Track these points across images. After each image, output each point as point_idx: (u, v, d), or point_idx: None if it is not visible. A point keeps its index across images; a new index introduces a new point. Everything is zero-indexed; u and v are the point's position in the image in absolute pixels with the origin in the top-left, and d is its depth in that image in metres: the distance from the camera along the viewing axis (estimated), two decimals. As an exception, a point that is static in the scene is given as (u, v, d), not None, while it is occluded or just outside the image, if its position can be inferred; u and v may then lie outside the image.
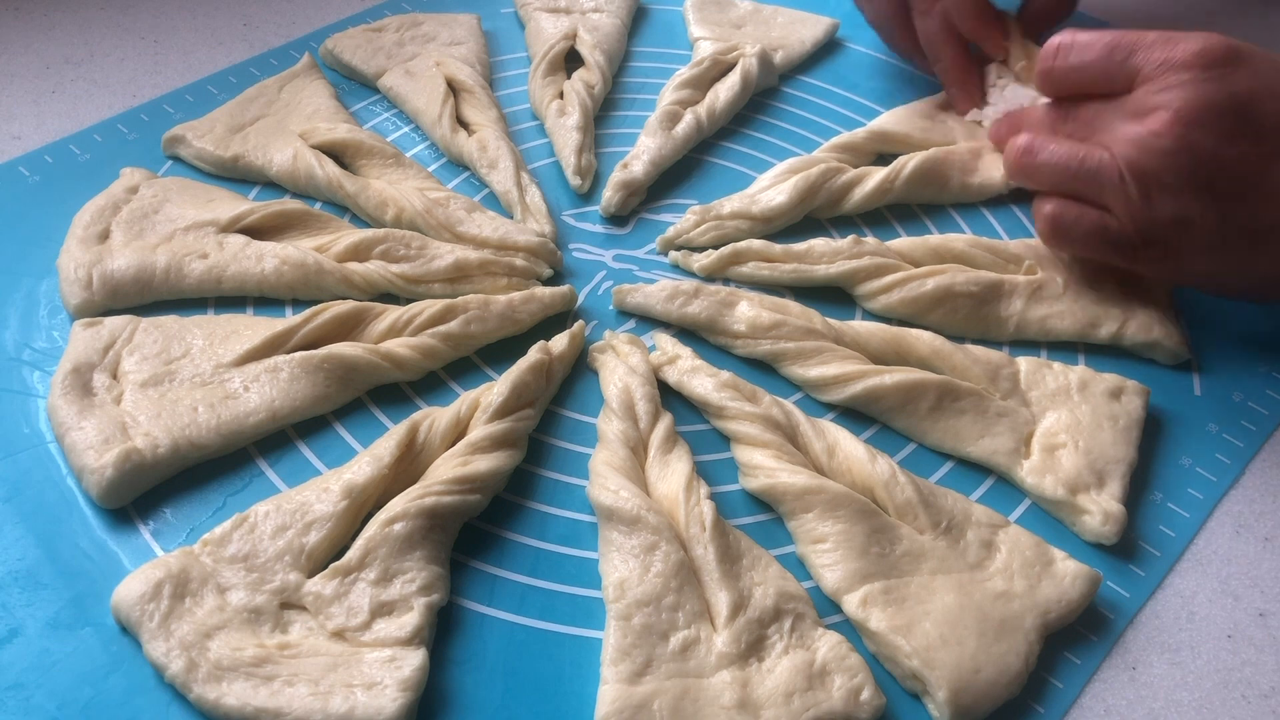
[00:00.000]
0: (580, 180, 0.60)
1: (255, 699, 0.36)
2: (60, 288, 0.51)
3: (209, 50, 0.70)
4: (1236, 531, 0.46)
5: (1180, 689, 0.41)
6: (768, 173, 0.60)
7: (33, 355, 0.49)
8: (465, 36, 0.69)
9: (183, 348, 0.48)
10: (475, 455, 0.44)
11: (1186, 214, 0.47)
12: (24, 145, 0.61)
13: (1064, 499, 0.45)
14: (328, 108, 0.62)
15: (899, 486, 0.44)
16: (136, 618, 0.38)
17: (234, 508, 0.43)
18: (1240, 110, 0.46)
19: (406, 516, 0.41)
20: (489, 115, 0.62)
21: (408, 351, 0.48)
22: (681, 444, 0.46)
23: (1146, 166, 0.47)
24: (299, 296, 0.52)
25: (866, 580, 0.41)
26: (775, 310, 0.51)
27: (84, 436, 0.43)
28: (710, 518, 0.42)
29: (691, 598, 0.40)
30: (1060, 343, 0.53)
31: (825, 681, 0.38)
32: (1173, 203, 0.47)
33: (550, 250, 0.55)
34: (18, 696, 0.38)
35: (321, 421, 0.48)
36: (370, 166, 0.58)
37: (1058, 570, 0.42)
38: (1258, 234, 0.48)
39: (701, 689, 0.38)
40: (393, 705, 0.36)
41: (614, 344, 0.50)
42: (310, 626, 0.39)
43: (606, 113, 0.66)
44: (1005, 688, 0.39)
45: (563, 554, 0.44)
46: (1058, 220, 0.52)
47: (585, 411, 0.49)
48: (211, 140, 0.59)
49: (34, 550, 0.42)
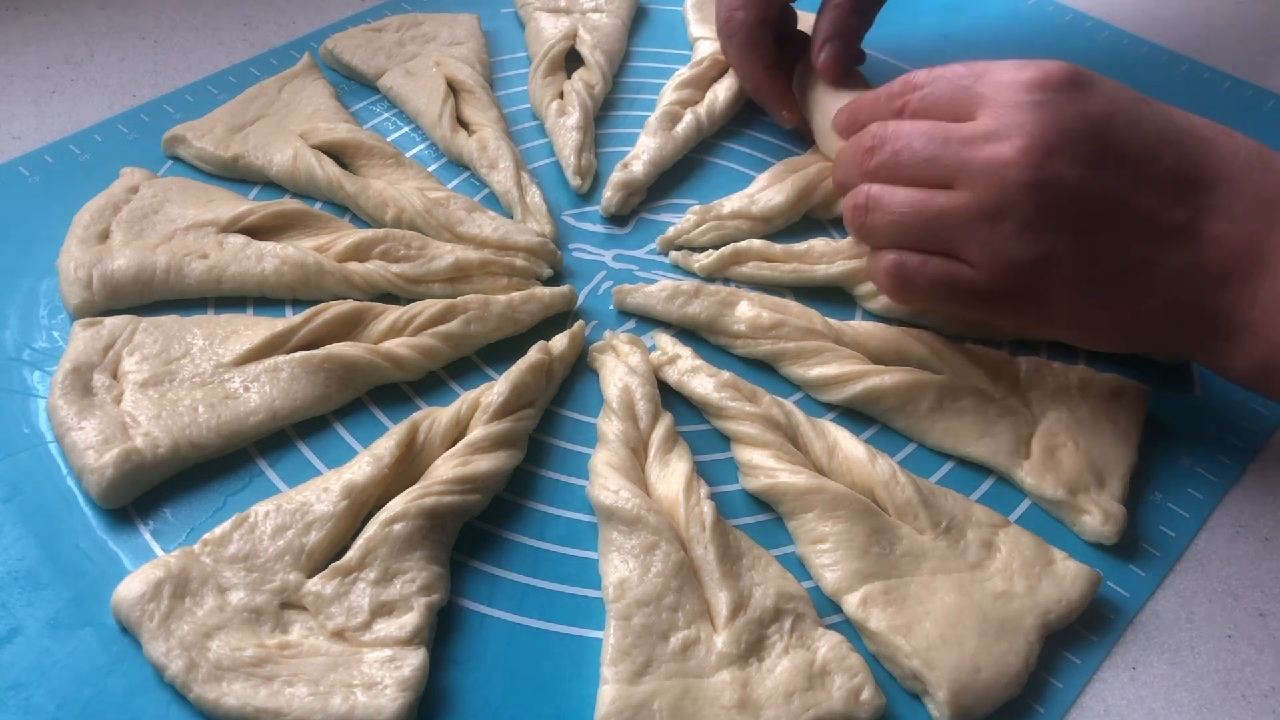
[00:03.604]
0: (580, 180, 0.60)
1: (255, 699, 0.36)
2: (60, 288, 0.51)
3: (209, 50, 0.70)
4: (1236, 531, 0.46)
5: (1180, 689, 0.41)
6: (765, 172, 0.60)
7: (33, 355, 0.49)
8: (465, 36, 0.69)
9: (183, 348, 0.48)
10: (475, 455, 0.44)
11: (1050, 253, 0.42)
12: (24, 145, 0.61)
13: (1064, 499, 0.45)
14: (328, 108, 0.62)
15: (899, 486, 0.44)
16: (136, 618, 0.38)
17: (234, 508, 0.43)
18: (1097, 135, 0.42)
19: (406, 516, 0.41)
20: (489, 115, 0.62)
21: (408, 351, 0.48)
22: (682, 444, 0.46)
23: (1002, 203, 0.42)
24: (299, 296, 0.52)
25: (866, 580, 0.41)
26: (775, 310, 0.51)
27: (84, 436, 0.43)
28: (710, 518, 0.42)
29: (691, 598, 0.40)
30: (1060, 343, 0.53)
31: (825, 681, 0.38)
32: (1034, 242, 0.42)
33: (550, 250, 0.55)
34: (18, 696, 0.38)
35: (321, 421, 0.47)
36: (370, 166, 0.58)
37: (1058, 570, 0.42)
38: (1129, 270, 0.43)
39: (701, 689, 0.38)
40: (393, 705, 0.36)
41: (614, 344, 0.50)
42: (310, 626, 0.39)
43: (606, 113, 0.66)
44: (1005, 688, 0.39)
45: (563, 554, 0.44)
46: (899, 272, 0.46)
47: (585, 411, 0.49)
48: (211, 140, 0.59)
49: (34, 550, 0.42)
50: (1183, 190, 0.42)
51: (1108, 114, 0.42)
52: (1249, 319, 0.42)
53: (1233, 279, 0.42)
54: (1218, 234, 0.42)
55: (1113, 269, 0.43)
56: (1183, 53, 0.74)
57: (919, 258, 0.45)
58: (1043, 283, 0.43)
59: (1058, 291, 0.43)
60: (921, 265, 0.45)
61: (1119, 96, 0.43)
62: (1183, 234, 0.42)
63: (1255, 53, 0.75)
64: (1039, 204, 0.42)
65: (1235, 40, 0.77)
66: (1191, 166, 0.42)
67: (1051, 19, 0.78)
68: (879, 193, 0.46)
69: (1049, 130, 0.41)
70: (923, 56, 0.72)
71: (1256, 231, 0.41)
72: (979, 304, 0.45)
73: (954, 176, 0.43)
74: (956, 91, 0.45)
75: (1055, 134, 0.41)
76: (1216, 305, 0.42)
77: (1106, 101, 0.43)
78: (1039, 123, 0.42)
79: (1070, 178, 0.41)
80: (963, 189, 0.43)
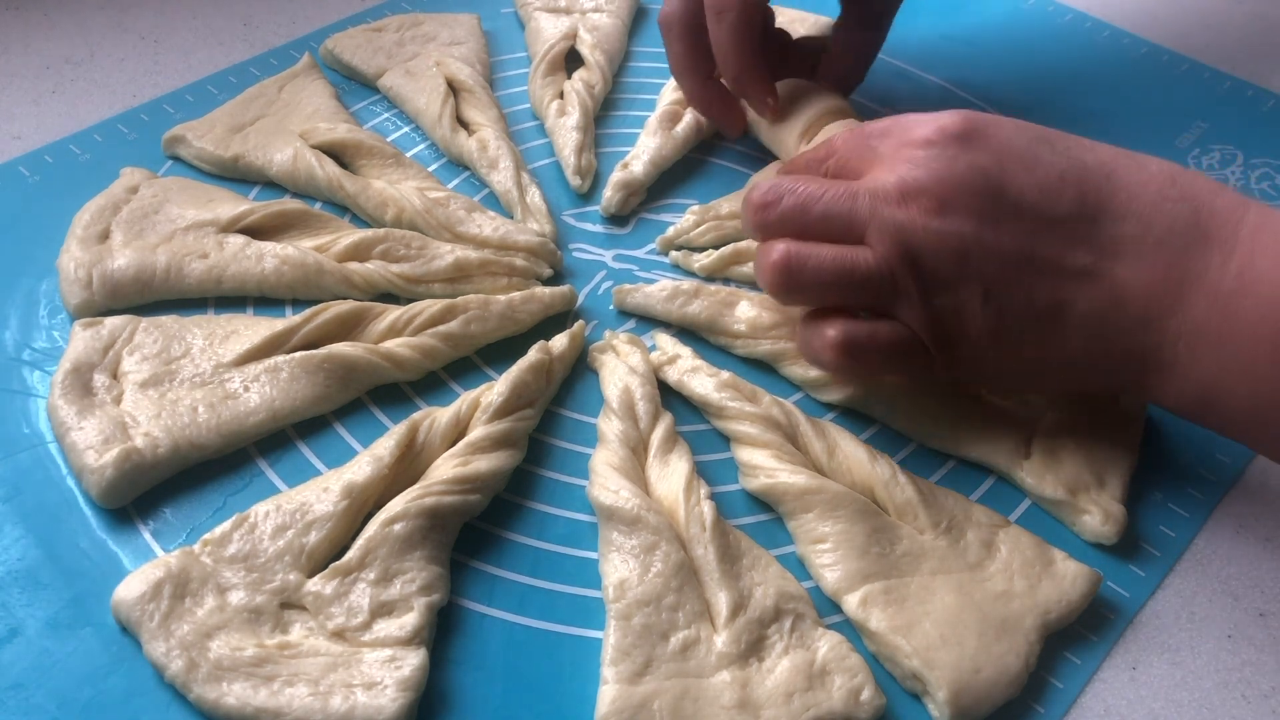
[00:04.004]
0: (580, 180, 0.60)
1: (255, 699, 0.36)
2: (60, 288, 0.51)
3: (209, 50, 0.70)
4: (1236, 531, 0.46)
5: (1180, 689, 0.41)
6: (762, 171, 0.60)
7: (33, 355, 0.49)
8: (465, 36, 0.69)
9: (183, 348, 0.48)
10: (475, 455, 0.44)
11: (962, 306, 0.42)
12: (24, 145, 0.61)
13: (1064, 499, 0.45)
14: (328, 108, 0.62)
15: (899, 486, 0.44)
16: (136, 618, 0.38)
17: (234, 508, 0.43)
18: (991, 186, 0.41)
19: (406, 516, 0.41)
20: (489, 115, 0.62)
21: (408, 351, 0.48)
22: (682, 444, 0.46)
23: (914, 256, 0.41)
24: (299, 296, 0.52)
25: (866, 580, 0.41)
26: (775, 310, 0.51)
27: (84, 436, 0.43)
28: (710, 518, 0.42)
29: (691, 598, 0.40)
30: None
31: (825, 681, 0.38)
32: (945, 297, 0.42)
33: (550, 250, 0.55)
34: (18, 696, 0.38)
35: (321, 421, 0.47)
36: (370, 166, 0.58)
37: (1058, 570, 0.42)
38: (1042, 317, 0.41)
39: (701, 689, 0.38)
40: (393, 705, 0.36)
41: (614, 344, 0.50)
42: (310, 626, 0.39)
43: (606, 113, 0.66)
44: (1005, 688, 0.39)
45: (563, 554, 0.44)
46: (850, 346, 0.43)
47: (585, 411, 0.49)
48: (211, 140, 0.59)
49: (34, 550, 0.42)
50: (1089, 229, 0.41)
51: (1000, 162, 0.41)
52: (1174, 356, 0.40)
53: (1152, 315, 0.40)
54: (1129, 271, 0.40)
55: (1026, 317, 0.42)
56: (1183, 53, 0.74)
57: (867, 327, 0.43)
58: (962, 336, 0.42)
59: (978, 343, 0.42)
60: (871, 334, 0.43)
61: (1014, 141, 0.42)
62: (1091, 275, 0.41)
63: (1255, 53, 0.75)
64: (942, 258, 0.41)
65: (1235, 40, 0.77)
66: (1095, 204, 0.41)
67: (1051, 19, 0.78)
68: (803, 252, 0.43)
69: (943, 185, 0.41)
70: (923, 56, 0.72)
71: (1171, 264, 0.40)
72: (923, 365, 0.44)
73: (862, 233, 0.42)
74: (864, 152, 0.45)
75: (948, 189, 0.41)
76: (1141, 344, 0.41)
77: (1000, 148, 0.42)
78: (932, 178, 0.41)
79: (968, 230, 0.41)
80: (874, 246, 0.42)
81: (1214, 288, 0.39)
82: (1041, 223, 0.41)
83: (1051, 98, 0.69)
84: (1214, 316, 0.39)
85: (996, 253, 0.41)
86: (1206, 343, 0.40)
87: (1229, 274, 0.39)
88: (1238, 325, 0.39)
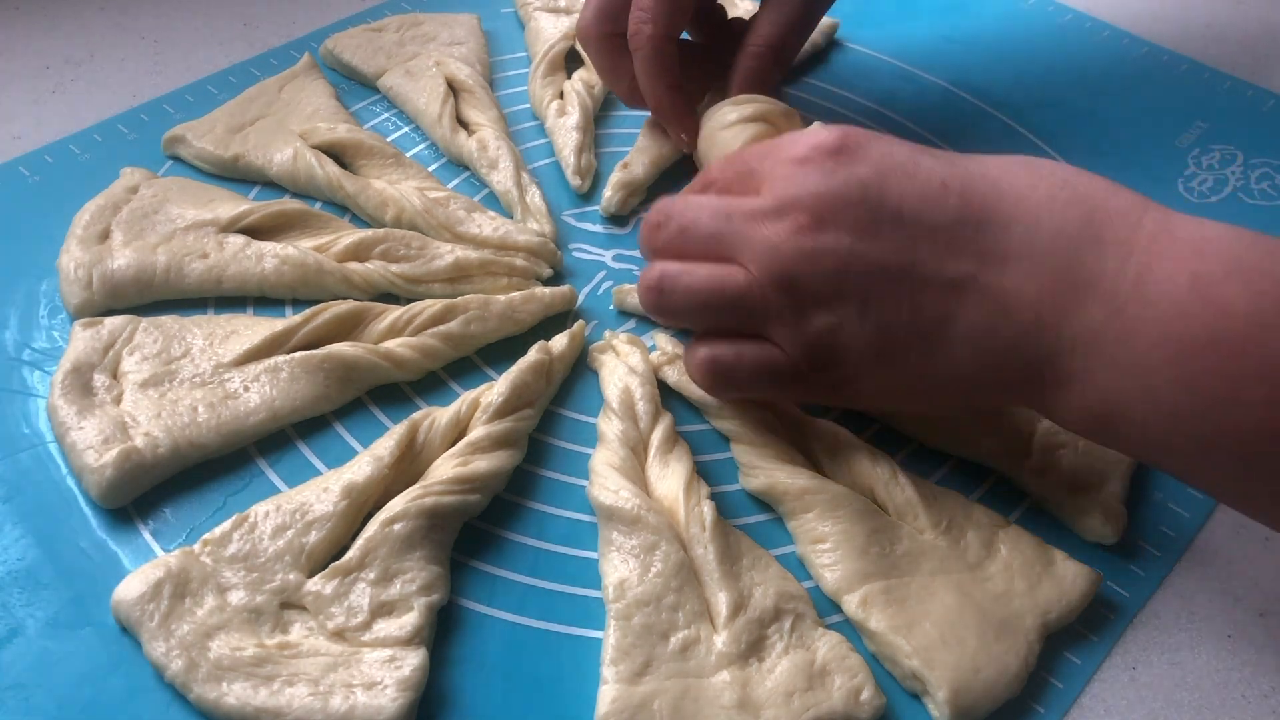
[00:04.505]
0: (580, 180, 0.60)
1: (255, 699, 0.36)
2: (60, 288, 0.51)
3: (209, 50, 0.70)
4: (1236, 531, 0.46)
5: (1180, 689, 0.41)
6: None
7: (33, 355, 0.49)
8: (465, 36, 0.69)
9: (183, 348, 0.48)
10: (475, 455, 0.44)
11: (840, 324, 0.40)
12: (24, 145, 0.61)
13: (1064, 499, 0.45)
14: (328, 108, 0.62)
15: (899, 486, 0.44)
16: (136, 617, 0.38)
17: (234, 508, 0.43)
18: (870, 197, 0.39)
19: (406, 516, 0.41)
20: (489, 115, 0.62)
21: (408, 351, 0.48)
22: (682, 444, 0.46)
23: (784, 278, 0.40)
24: (299, 296, 0.52)
25: (866, 580, 0.41)
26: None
27: (84, 436, 0.43)
28: (710, 518, 0.42)
29: (691, 598, 0.40)
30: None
31: (825, 681, 0.38)
32: (823, 314, 0.40)
33: (550, 250, 0.55)
34: (18, 696, 0.38)
35: (321, 421, 0.48)
36: (370, 166, 0.58)
37: (1058, 570, 0.42)
38: (926, 332, 0.39)
39: (701, 689, 0.38)
40: (393, 705, 0.36)
41: (614, 344, 0.50)
42: (310, 626, 0.39)
43: (606, 113, 0.66)
44: (1005, 688, 0.39)
45: (563, 554, 0.44)
46: (715, 366, 0.43)
47: (585, 411, 0.49)
48: (211, 140, 0.59)
49: (34, 550, 0.42)
50: (972, 236, 0.38)
51: (880, 172, 0.39)
52: (1071, 369, 0.38)
53: (1045, 323, 0.37)
54: (1016, 278, 0.38)
55: (909, 331, 0.40)
56: (1183, 53, 0.74)
57: (734, 348, 0.42)
58: (842, 354, 0.41)
59: (860, 362, 0.41)
60: (738, 356, 0.42)
61: (894, 152, 0.40)
62: (976, 283, 0.38)
63: (1255, 53, 0.76)
64: (817, 275, 0.39)
65: (1235, 40, 0.77)
66: (980, 209, 0.39)
67: (1051, 19, 0.78)
68: (676, 272, 0.42)
69: (820, 200, 0.39)
70: (923, 56, 0.72)
71: (1061, 269, 0.37)
72: (798, 388, 0.43)
73: (737, 253, 0.41)
74: (744, 173, 0.44)
75: (825, 203, 0.39)
76: (1034, 355, 0.38)
77: (879, 159, 0.40)
78: (808, 193, 0.40)
79: (844, 244, 0.39)
80: (748, 266, 0.41)
81: (1110, 292, 0.36)
82: (923, 230, 0.39)
83: (1051, 98, 0.69)
84: (1112, 324, 0.36)
85: (876, 264, 0.39)
86: (1103, 353, 0.37)
87: (1126, 278, 0.36)
88: (1135, 340, 0.36)
